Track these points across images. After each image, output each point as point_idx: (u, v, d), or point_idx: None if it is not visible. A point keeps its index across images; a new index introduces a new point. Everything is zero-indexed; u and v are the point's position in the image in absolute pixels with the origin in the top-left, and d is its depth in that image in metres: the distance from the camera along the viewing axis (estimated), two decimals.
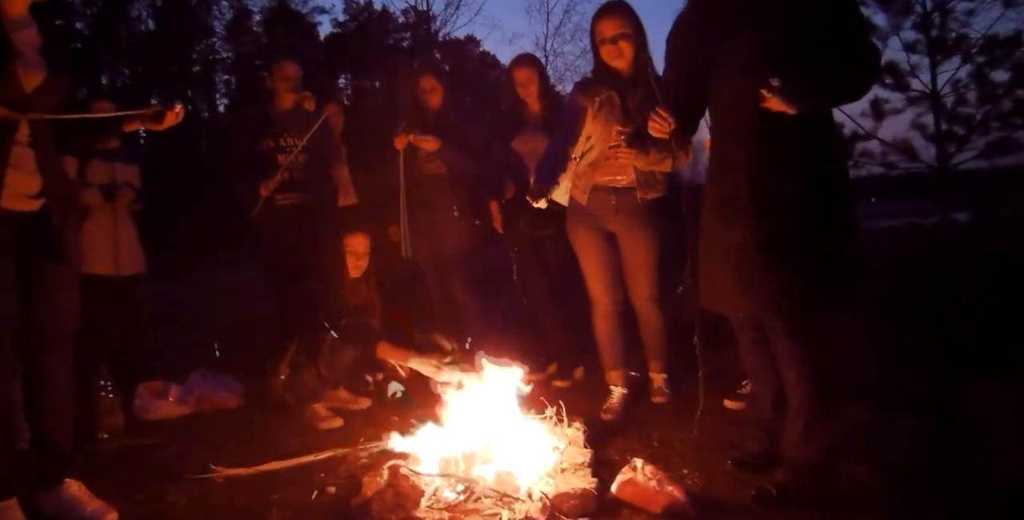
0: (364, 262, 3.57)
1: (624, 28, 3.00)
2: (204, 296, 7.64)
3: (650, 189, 3.14)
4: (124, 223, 4.07)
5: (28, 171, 2.20)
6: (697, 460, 2.57)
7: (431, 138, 3.81)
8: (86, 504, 2.28)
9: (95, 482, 2.40)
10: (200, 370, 3.74)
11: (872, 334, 3.98)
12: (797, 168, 2.16)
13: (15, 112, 2.13)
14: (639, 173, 3.12)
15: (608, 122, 3.07)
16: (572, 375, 3.81)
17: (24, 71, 2.17)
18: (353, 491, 2.33)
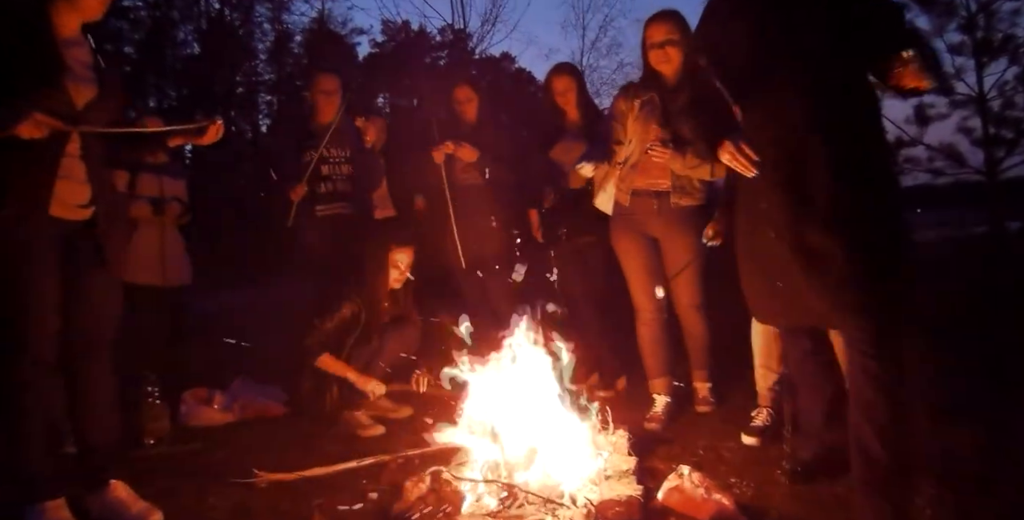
0: (405, 275, 3.58)
1: (672, 34, 3.05)
2: (248, 308, 7.76)
3: (685, 195, 3.12)
4: (171, 235, 4.16)
5: (78, 181, 2.29)
6: (745, 469, 2.51)
7: (469, 148, 3.82)
8: (131, 506, 2.32)
9: (141, 485, 2.43)
10: (243, 378, 3.78)
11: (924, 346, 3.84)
12: (872, 169, 2.03)
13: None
14: (675, 178, 3.11)
15: (647, 123, 3.11)
16: (614, 385, 3.76)
17: (75, 87, 2.26)
18: (395, 497, 2.31)
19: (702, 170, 3.07)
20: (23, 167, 2.18)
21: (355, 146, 4.05)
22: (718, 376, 3.33)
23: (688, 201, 3.12)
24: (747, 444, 2.79)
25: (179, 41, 22.23)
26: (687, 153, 3.03)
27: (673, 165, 3.07)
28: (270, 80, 23.85)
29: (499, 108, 4.37)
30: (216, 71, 21.33)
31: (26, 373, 2.18)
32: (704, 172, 3.08)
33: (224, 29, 22.04)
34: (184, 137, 2.49)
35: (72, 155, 2.26)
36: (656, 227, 3.18)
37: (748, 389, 3.00)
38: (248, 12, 22.59)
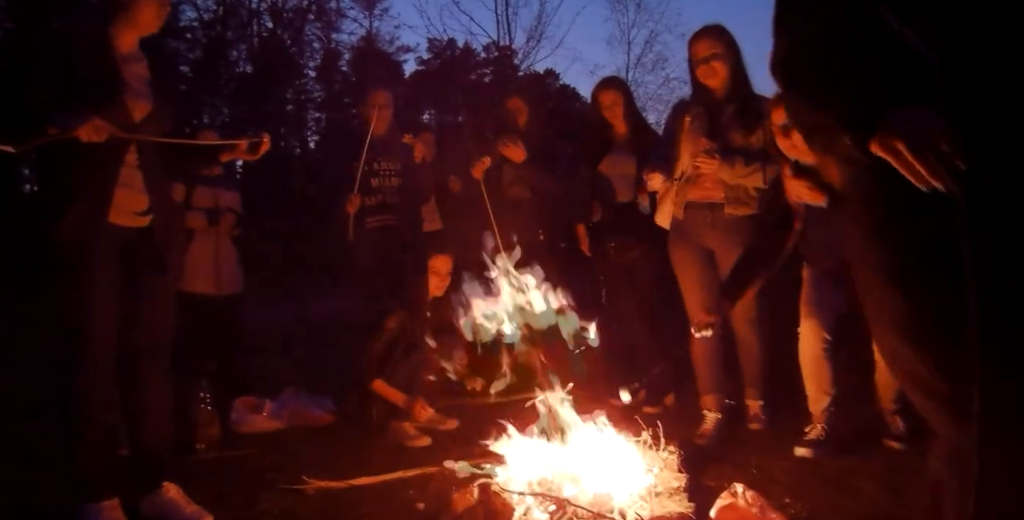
0: (446, 282, 3.59)
1: (716, 48, 3.07)
2: (299, 319, 7.90)
3: (740, 205, 3.09)
4: (225, 245, 4.26)
5: (136, 190, 2.37)
6: (800, 489, 2.43)
7: (517, 147, 3.84)
8: (183, 507, 2.36)
9: (192, 489, 2.48)
10: (293, 387, 3.83)
11: None
12: None
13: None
14: (727, 188, 3.09)
15: (696, 136, 3.11)
16: (662, 401, 3.70)
17: (133, 102, 2.36)
18: (442, 508, 2.30)
19: (755, 177, 3.06)
20: (84, 176, 2.28)
21: (405, 159, 4.11)
22: (773, 393, 3.26)
23: (743, 211, 3.09)
24: (800, 456, 2.75)
25: (232, 60, 22.95)
26: (736, 162, 3.02)
27: (723, 174, 3.06)
28: (319, 97, 24.42)
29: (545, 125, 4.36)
30: (267, 89, 21.91)
31: (85, 379, 2.25)
32: (757, 179, 3.07)
33: (276, 48, 22.66)
34: (234, 152, 2.58)
35: (130, 165, 2.36)
36: (711, 239, 3.16)
37: (801, 407, 2.92)
38: (299, 31, 23.22)
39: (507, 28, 22.21)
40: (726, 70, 3.08)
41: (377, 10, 24.19)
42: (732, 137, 3.10)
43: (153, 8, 2.37)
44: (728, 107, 3.11)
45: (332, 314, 4.76)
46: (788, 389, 3.23)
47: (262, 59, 22.30)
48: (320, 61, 24.23)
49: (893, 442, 2.83)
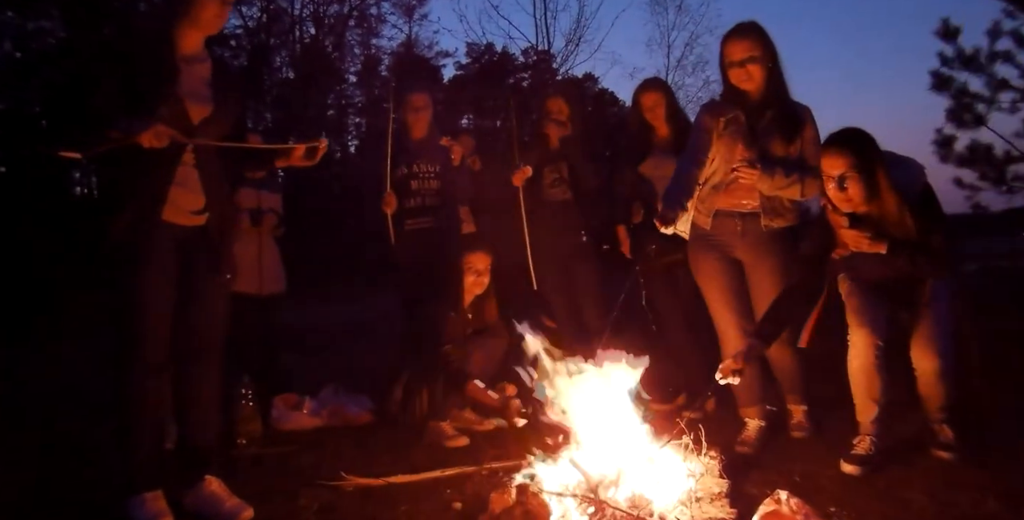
0: (485, 279, 3.59)
1: (752, 51, 2.91)
2: (339, 320, 8.00)
3: (776, 217, 2.99)
4: (268, 246, 4.33)
5: (193, 189, 2.41)
6: (846, 499, 2.36)
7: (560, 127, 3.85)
8: (225, 500, 2.40)
9: (233, 483, 2.51)
10: (333, 386, 3.87)
11: None
12: None
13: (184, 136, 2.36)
14: (764, 199, 2.98)
15: (732, 142, 2.97)
16: (703, 406, 3.63)
17: (191, 104, 2.38)
18: (479, 508, 2.29)
19: (792, 190, 2.95)
20: (141, 174, 2.32)
21: (444, 162, 4.13)
22: (817, 398, 3.18)
23: (780, 223, 2.99)
24: (847, 473, 2.63)
25: (275, 67, 23.38)
26: (776, 173, 2.90)
27: (761, 186, 2.94)
28: (359, 102, 24.74)
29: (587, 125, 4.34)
30: (309, 94, 22.27)
31: (137, 373, 2.29)
32: (794, 192, 2.95)
33: (317, 54, 23.02)
34: (290, 159, 2.58)
35: (187, 164, 2.39)
36: (741, 250, 3.04)
37: (849, 414, 2.84)
38: (340, 37, 23.56)
39: (546, 32, 22.28)
40: (762, 73, 2.92)
41: (416, 15, 24.47)
42: (772, 146, 2.96)
43: (215, 6, 2.38)
44: (766, 113, 2.96)
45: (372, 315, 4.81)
46: (834, 394, 3.16)
47: (304, 65, 22.67)
48: (360, 66, 24.56)
49: (942, 452, 2.73)
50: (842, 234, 2.70)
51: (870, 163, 2.58)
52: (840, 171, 2.58)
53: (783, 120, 2.96)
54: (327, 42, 23.57)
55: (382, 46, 24.78)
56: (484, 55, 24.71)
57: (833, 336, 2.93)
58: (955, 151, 6.77)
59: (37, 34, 14.74)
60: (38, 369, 6.30)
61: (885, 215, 2.63)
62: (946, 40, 6.14)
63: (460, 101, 23.44)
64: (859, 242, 2.64)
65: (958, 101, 6.49)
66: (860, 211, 2.65)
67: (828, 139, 2.67)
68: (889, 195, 2.60)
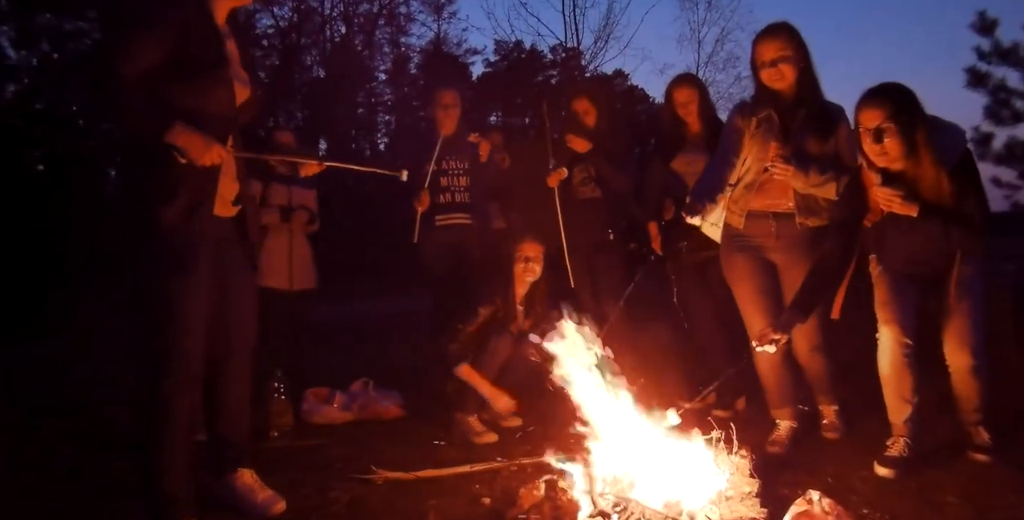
0: (537, 267, 3.53)
1: (784, 50, 2.88)
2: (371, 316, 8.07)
3: (811, 215, 2.95)
4: (299, 242, 4.38)
5: (232, 177, 2.32)
6: (879, 501, 2.33)
7: (583, 140, 3.84)
8: (258, 492, 2.42)
9: (265, 475, 2.54)
10: (363, 380, 3.91)
11: None
12: None
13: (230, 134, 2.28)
14: (799, 197, 2.94)
15: (765, 141, 2.94)
16: (733, 405, 3.61)
17: (237, 86, 2.28)
18: (508, 504, 2.31)
19: (828, 188, 2.90)
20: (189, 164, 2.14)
21: (472, 159, 4.15)
22: (848, 399, 3.14)
23: (815, 221, 2.95)
24: (881, 475, 2.58)
25: (306, 65, 23.62)
26: (811, 170, 2.86)
27: (795, 183, 2.91)
28: (389, 100, 24.90)
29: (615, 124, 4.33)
30: (339, 93, 22.46)
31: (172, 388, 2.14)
32: (830, 190, 2.90)
33: (347, 53, 23.21)
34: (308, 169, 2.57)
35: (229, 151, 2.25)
36: (776, 251, 3.00)
37: (882, 415, 2.79)
38: (370, 36, 23.73)
39: (575, 29, 22.18)
40: (794, 73, 2.90)
41: (445, 14, 24.53)
42: (807, 143, 2.92)
43: None
44: (799, 111, 2.93)
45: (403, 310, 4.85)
46: (866, 394, 3.11)
47: (334, 63, 22.88)
48: (390, 65, 24.72)
49: (978, 454, 2.67)
50: (874, 192, 2.61)
51: (909, 117, 2.49)
52: (877, 123, 2.50)
53: (816, 119, 2.93)
54: (357, 41, 23.75)
55: (411, 44, 24.93)
56: (513, 52, 24.70)
57: (862, 334, 2.89)
58: (993, 149, 6.61)
59: (74, 35, 15.03)
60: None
61: (920, 176, 2.54)
62: (983, 34, 5.99)
63: (489, 98, 23.46)
64: (891, 201, 2.56)
65: (995, 97, 6.33)
66: (895, 168, 2.57)
67: (867, 91, 2.57)
68: (927, 155, 2.51)
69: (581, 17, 22.73)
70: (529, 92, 21.04)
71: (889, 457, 2.63)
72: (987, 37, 6.05)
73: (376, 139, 24.81)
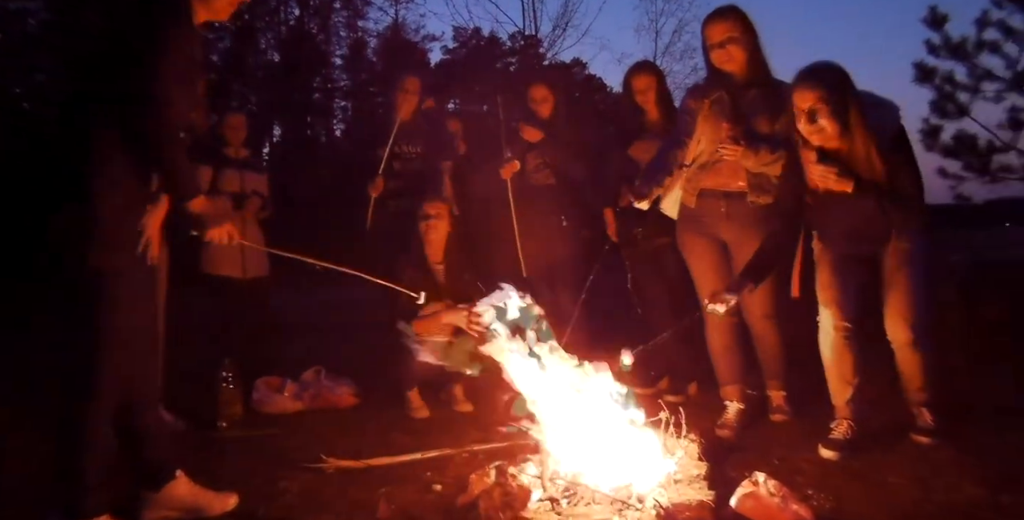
0: (439, 223, 3.58)
1: (732, 32, 2.93)
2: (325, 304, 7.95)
3: (763, 193, 3.00)
4: (252, 229, 4.25)
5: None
6: (824, 482, 2.39)
7: (533, 129, 3.84)
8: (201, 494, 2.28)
9: (214, 466, 2.50)
10: (316, 369, 3.86)
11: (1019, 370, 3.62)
12: None
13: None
14: (751, 176, 3.00)
15: (718, 122, 2.99)
16: (686, 390, 3.66)
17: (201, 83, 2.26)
18: (460, 490, 2.31)
19: (778, 166, 2.95)
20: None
21: (426, 144, 4.12)
22: (797, 384, 3.20)
23: (766, 199, 3.00)
24: (825, 458, 2.64)
25: (261, 49, 23.09)
26: (761, 149, 2.92)
27: (746, 162, 2.96)
28: (345, 86, 24.50)
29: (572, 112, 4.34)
30: (294, 78, 22.03)
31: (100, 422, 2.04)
32: (779, 168, 2.97)
33: (303, 37, 22.77)
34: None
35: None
36: (726, 230, 3.06)
37: (829, 397, 2.86)
38: (326, 20, 23.29)
39: (533, 16, 22.08)
40: (743, 54, 2.95)
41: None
42: (757, 123, 2.98)
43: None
44: (749, 92, 2.99)
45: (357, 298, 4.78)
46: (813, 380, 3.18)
47: (289, 47, 22.42)
48: (347, 50, 24.31)
49: (921, 437, 2.75)
50: (811, 170, 2.67)
51: (842, 96, 2.53)
52: (810, 104, 2.54)
53: (767, 98, 2.98)
54: (312, 24, 23.30)
55: (368, 29, 24.54)
56: (471, 39, 24.52)
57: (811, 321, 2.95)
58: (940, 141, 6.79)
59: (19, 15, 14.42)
60: None
61: (854, 153, 2.60)
62: (933, 28, 6.15)
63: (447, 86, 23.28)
64: (826, 178, 2.61)
65: (941, 91, 6.51)
66: (831, 147, 2.62)
67: (799, 72, 2.62)
68: (860, 133, 2.56)
69: (540, 4, 22.63)
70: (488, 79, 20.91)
71: (833, 440, 2.70)
72: (937, 32, 6.21)
73: (332, 125, 24.44)
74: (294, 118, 22.91)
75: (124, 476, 2.20)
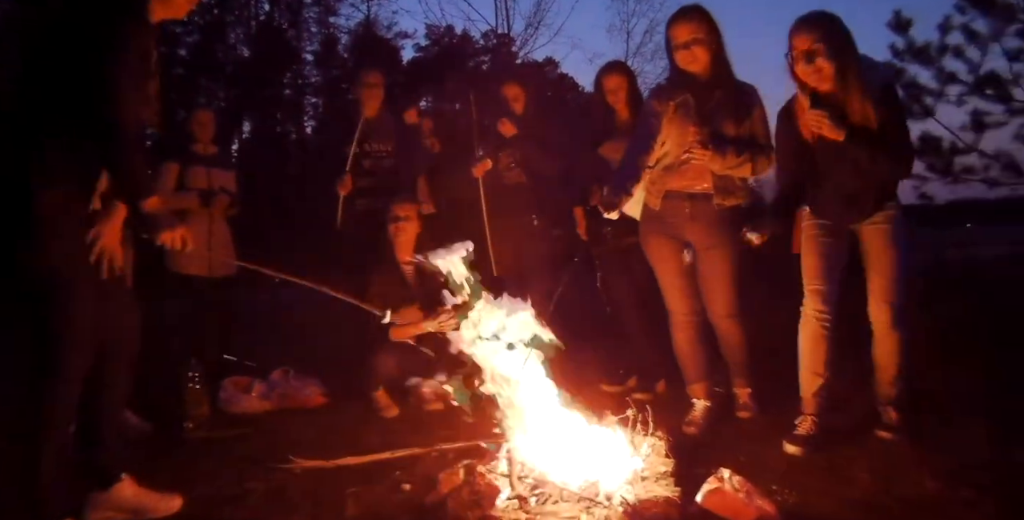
0: (408, 225, 3.63)
1: (697, 33, 2.94)
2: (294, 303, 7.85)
3: (728, 195, 3.03)
4: (219, 227, 4.20)
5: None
6: (789, 477, 2.42)
7: (512, 124, 3.85)
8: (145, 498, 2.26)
9: (179, 467, 2.47)
10: (284, 368, 3.83)
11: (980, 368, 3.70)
12: None
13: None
14: (716, 178, 3.02)
15: (684, 124, 2.99)
16: (654, 388, 3.69)
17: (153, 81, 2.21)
18: (429, 489, 2.30)
19: (744, 169, 3.00)
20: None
21: (397, 141, 4.09)
22: (763, 381, 3.24)
23: (732, 201, 3.04)
24: (789, 453, 2.68)
25: (230, 44, 22.78)
26: (727, 152, 2.94)
27: (713, 166, 2.98)
28: (316, 83, 24.27)
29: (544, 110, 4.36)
30: (264, 74, 21.77)
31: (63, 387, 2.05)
32: (746, 170, 3.01)
33: (274, 32, 22.50)
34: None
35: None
36: (690, 231, 3.08)
37: (796, 396, 2.91)
38: (296, 15, 23.05)
39: (506, 15, 22.12)
40: (708, 55, 2.96)
41: None
42: (724, 126, 3.00)
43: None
44: (714, 93, 3.00)
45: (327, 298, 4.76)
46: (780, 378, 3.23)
47: (260, 43, 22.14)
48: (319, 46, 24.07)
49: (885, 433, 2.80)
50: (805, 117, 2.69)
51: (839, 40, 2.60)
52: (808, 45, 2.60)
53: (732, 100, 3.01)
54: (283, 20, 23.04)
55: (340, 25, 24.33)
56: (444, 37, 24.45)
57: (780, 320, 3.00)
58: None
59: None
60: None
61: (848, 101, 2.64)
62: (898, 32, 6.26)
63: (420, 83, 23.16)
64: (820, 123, 2.63)
65: (907, 93, 6.62)
66: (824, 89, 2.66)
67: (797, 19, 2.67)
68: (854, 80, 2.61)
69: (512, 3, 22.68)
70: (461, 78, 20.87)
71: (798, 435, 2.74)
72: (902, 36, 6.31)
73: (303, 122, 24.20)
74: (264, 114, 22.67)
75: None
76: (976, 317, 4.51)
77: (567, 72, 25.68)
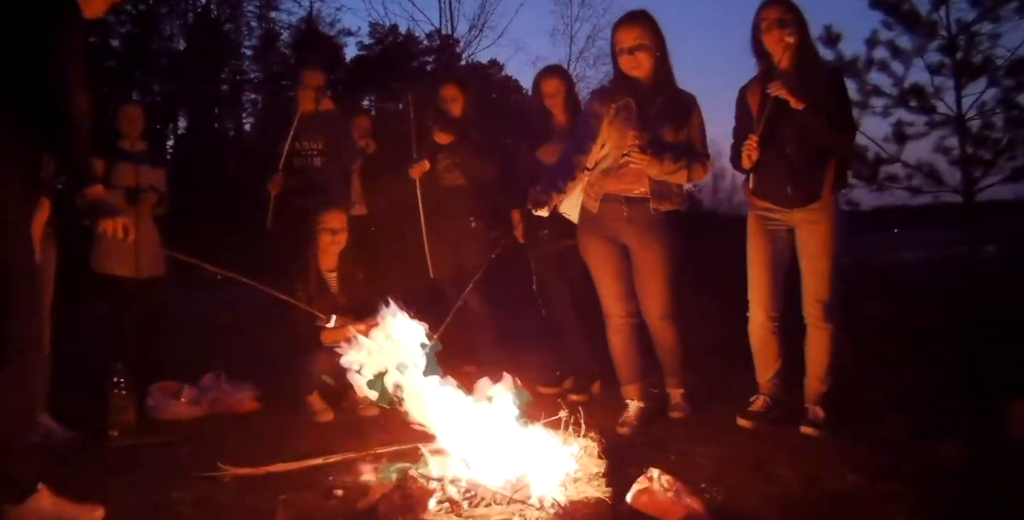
0: (341, 238, 3.61)
1: (642, 39, 2.99)
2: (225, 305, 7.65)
3: (664, 200, 3.09)
4: (146, 226, 4.06)
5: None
6: (718, 476, 2.48)
7: (446, 133, 3.85)
8: (67, 507, 2.16)
9: (103, 477, 2.38)
10: (215, 373, 3.73)
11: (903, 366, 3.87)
12: None
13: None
14: (653, 183, 3.07)
15: (624, 129, 3.03)
16: (589, 389, 3.74)
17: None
18: (361, 494, 2.28)
19: (680, 175, 3.06)
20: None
21: (328, 139, 4.04)
22: (696, 381, 3.33)
23: (668, 206, 3.10)
24: (742, 426, 2.95)
25: (165, 36, 22.07)
26: (665, 158, 3.00)
27: (650, 171, 3.03)
28: (256, 78, 23.73)
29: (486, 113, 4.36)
30: (202, 68, 21.16)
31: None
32: (682, 177, 3.07)
33: (211, 25, 21.90)
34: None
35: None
36: (627, 234, 3.12)
37: (728, 394, 3.01)
38: (235, 8, 22.49)
39: (450, 16, 22.05)
40: (651, 61, 3.02)
41: None
42: (663, 132, 3.05)
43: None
44: (656, 99, 3.06)
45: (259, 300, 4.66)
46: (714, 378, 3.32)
47: (196, 36, 21.51)
48: (258, 41, 23.54)
49: (810, 429, 2.90)
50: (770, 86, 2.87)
51: (802, 18, 2.91)
52: (779, 14, 2.89)
53: (672, 107, 3.07)
54: (221, 13, 22.44)
55: (281, 21, 23.84)
56: (388, 36, 24.20)
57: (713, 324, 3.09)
58: None
59: None
60: None
61: (807, 75, 2.90)
62: (828, 46, 6.49)
63: (362, 82, 22.89)
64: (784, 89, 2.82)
65: None
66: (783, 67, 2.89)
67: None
68: (814, 55, 3.01)
69: (457, 4, 22.64)
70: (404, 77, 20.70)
71: (750, 411, 3.03)
72: (832, 49, 6.55)
73: (242, 118, 23.61)
74: (201, 110, 22.03)
75: None
76: (897, 317, 4.71)
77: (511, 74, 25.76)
